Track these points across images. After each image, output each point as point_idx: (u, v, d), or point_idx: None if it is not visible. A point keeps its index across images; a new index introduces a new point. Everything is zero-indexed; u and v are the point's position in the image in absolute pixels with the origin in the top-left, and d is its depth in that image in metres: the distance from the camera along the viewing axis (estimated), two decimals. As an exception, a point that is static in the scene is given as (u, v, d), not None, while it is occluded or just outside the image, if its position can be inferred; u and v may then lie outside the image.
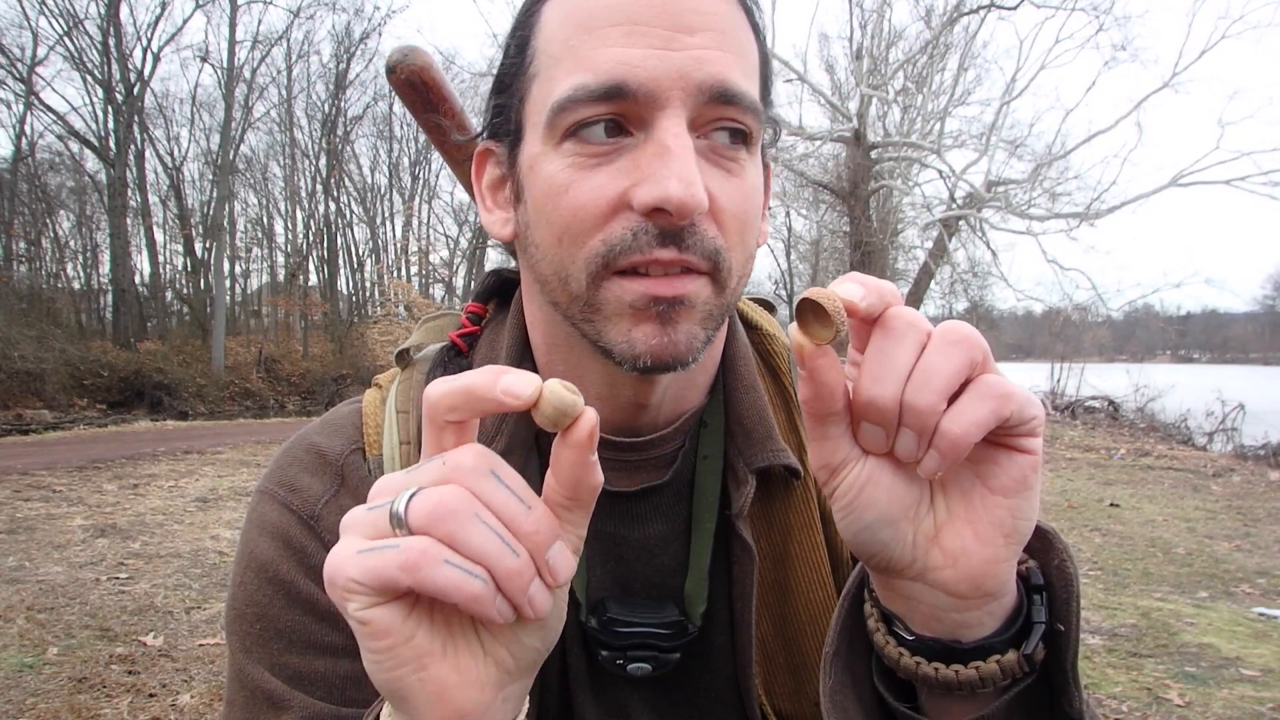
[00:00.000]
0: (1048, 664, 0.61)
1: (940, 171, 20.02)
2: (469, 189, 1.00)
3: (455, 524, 0.48)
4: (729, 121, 0.72)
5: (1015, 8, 18.20)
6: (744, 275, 0.77)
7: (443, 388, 0.50)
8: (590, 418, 0.50)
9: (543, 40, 0.75)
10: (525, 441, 0.84)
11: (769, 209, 0.90)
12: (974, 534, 0.57)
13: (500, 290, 0.97)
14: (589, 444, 0.50)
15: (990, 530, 0.56)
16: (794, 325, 0.54)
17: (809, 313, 0.54)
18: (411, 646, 0.50)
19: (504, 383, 0.49)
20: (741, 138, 0.73)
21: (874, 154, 19.74)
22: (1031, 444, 0.56)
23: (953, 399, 0.53)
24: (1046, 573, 0.62)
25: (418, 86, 0.95)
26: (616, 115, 0.70)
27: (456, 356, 0.90)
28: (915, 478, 0.58)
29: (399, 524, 0.49)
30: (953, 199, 20.91)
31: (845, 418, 0.57)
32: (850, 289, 0.54)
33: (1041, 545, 0.63)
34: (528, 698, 0.59)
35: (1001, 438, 0.56)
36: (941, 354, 0.53)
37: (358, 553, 0.49)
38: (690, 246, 0.70)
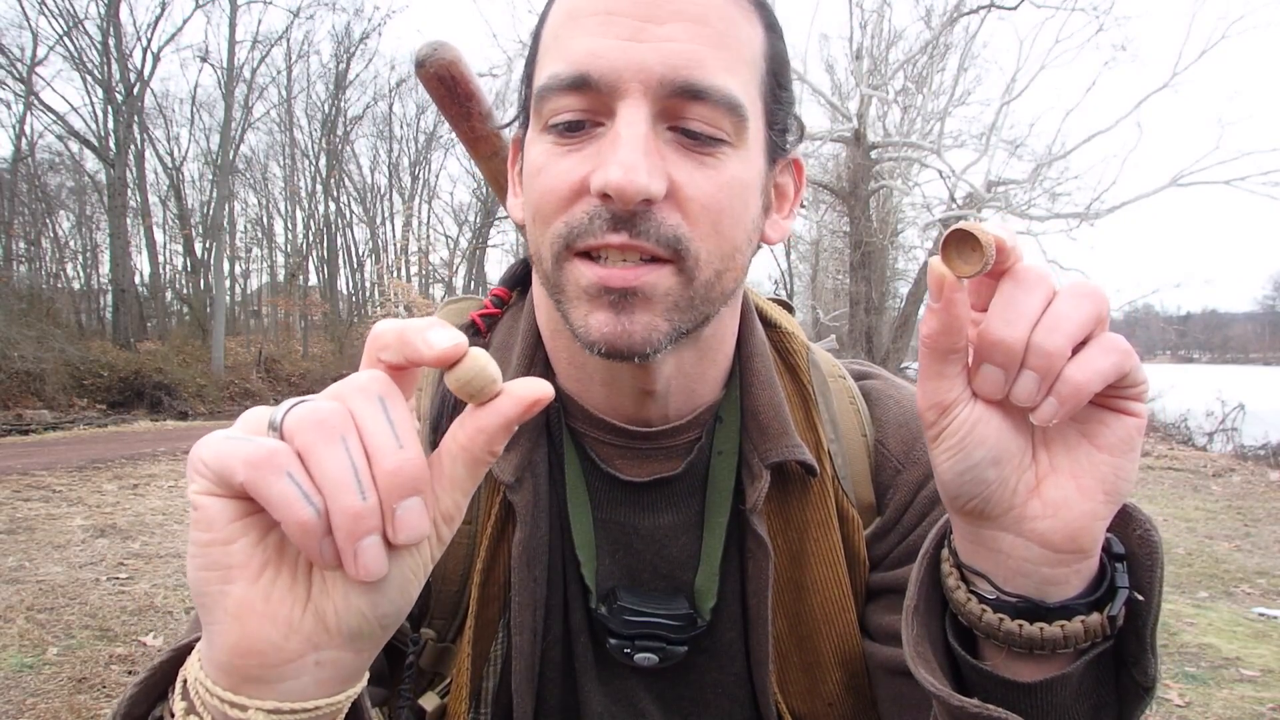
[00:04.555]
0: (1122, 632, 0.62)
1: (940, 171, 20.00)
2: (495, 186, 1.01)
3: (317, 434, 0.45)
4: (695, 121, 0.72)
5: (1015, 8, 18.17)
6: (726, 269, 0.76)
7: (384, 325, 0.48)
8: (528, 391, 0.48)
9: (545, 30, 0.78)
10: (535, 426, 0.85)
11: (800, 206, 0.89)
12: (1077, 487, 0.58)
13: (526, 278, 0.98)
14: (521, 416, 0.48)
15: (1093, 485, 0.57)
16: (936, 257, 0.55)
17: (952, 248, 0.54)
18: (227, 552, 0.47)
19: (431, 333, 0.46)
20: (715, 138, 0.73)
21: (874, 154, 19.72)
22: (1139, 408, 0.57)
23: (1075, 351, 0.54)
24: (1127, 543, 0.63)
25: (446, 81, 0.96)
26: (586, 111, 0.72)
27: (475, 336, 0.92)
28: (1021, 429, 0.59)
29: (274, 428, 0.47)
30: (953, 199, 20.88)
31: (964, 358, 0.58)
32: (1000, 229, 0.54)
33: (1120, 518, 0.63)
34: (362, 681, 0.53)
35: (1112, 398, 0.57)
36: (1071, 303, 0.54)
37: (223, 439, 0.46)
38: (643, 233, 0.70)
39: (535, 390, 0.48)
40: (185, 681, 0.52)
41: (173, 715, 0.52)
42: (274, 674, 0.48)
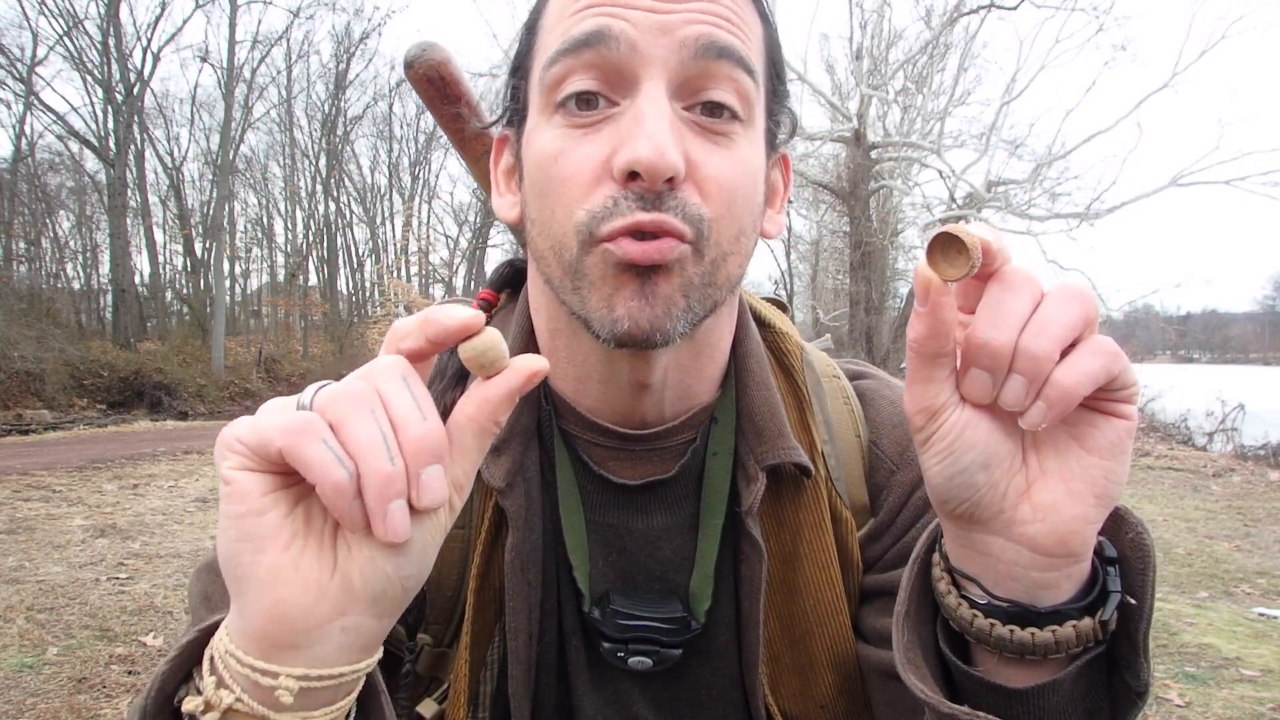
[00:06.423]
0: (1115, 636, 0.61)
1: (940, 171, 20.01)
2: (485, 184, 1.01)
3: (348, 407, 0.49)
4: (722, 81, 0.72)
5: (1015, 8, 18.16)
6: (735, 252, 0.75)
7: (403, 320, 0.53)
8: (529, 364, 0.54)
9: (545, 19, 0.78)
10: (526, 430, 0.84)
11: (789, 201, 0.89)
12: (1066, 490, 0.57)
13: (514, 280, 0.97)
14: (523, 386, 0.53)
15: (1083, 489, 0.57)
16: (922, 262, 0.54)
17: (937, 251, 0.54)
18: (259, 523, 0.50)
19: (451, 309, 0.52)
20: (733, 111, 0.73)
21: (874, 154, 19.71)
22: (1129, 410, 0.56)
23: (1064, 355, 0.54)
24: (1120, 546, 0.62)
25: (435, 81, 0.96)
26: (599, 75, 0.71)
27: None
28: (1011, 432, 0.58)
29: (303, 408, 0.51)
30: (953, 199, 20.88)
31: (952, 362, 0.57)
32: (986, 231, 0.54)
33: (1112, 521, 0.63)
34: (378, 652, 0.56)
35: (1102, 401, 0.56)
36: (1059, 306, 0.54)
37: (256, 417, 0.50)
38: (670, 209, 0.69)
39: (534, 363, 0.54)
40: (212, 658, 0.54)
41: (200, 691, 0.53)
42: (304, 639, 0.51)
